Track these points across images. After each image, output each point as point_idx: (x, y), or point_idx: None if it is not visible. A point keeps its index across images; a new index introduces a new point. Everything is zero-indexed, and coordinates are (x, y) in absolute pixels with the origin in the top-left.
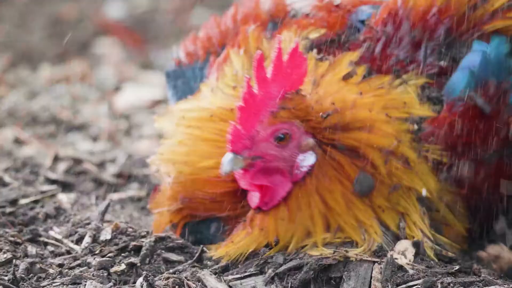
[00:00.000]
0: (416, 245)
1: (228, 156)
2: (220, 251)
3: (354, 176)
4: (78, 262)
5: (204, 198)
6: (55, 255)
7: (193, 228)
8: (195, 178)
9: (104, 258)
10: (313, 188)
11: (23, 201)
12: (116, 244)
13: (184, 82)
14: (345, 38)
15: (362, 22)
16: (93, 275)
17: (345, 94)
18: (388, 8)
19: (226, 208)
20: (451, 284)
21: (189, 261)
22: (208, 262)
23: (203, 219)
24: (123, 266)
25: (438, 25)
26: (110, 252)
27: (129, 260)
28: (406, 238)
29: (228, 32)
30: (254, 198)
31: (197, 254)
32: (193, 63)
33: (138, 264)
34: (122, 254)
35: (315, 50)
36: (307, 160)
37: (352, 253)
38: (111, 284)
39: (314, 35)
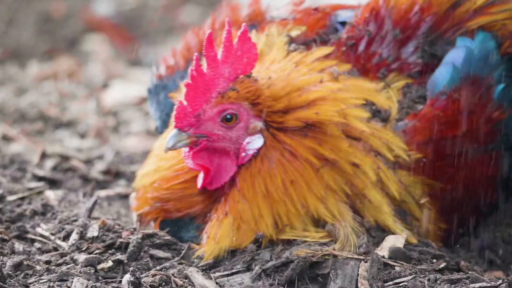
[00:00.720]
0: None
1: (172, 132)
2: (203, 249)
3: (305, 157)
4: (65, 259)
5: (174, 199)
6: (42, 252)
7: (168, 226)
8: (162, 177)
9: (91, 255)
10: (256, 171)
11: (10, 198)
12: (103, 241)
13: (166, 94)
14: (326, 37)
15: (342, 23)
16: (80, 272)
17: (297, 78)
18: (369, 7)
19: (197, 206)
20: (438, 281)
21: (176, 258)
22: (195, 259)
23: (178, 218)
24: (110, 263)
25: (421, 23)
26: (97, 249)
27: (116, 257)
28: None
29: None
30: (199, 178)
31: (184, 251)
32: (174, 74)
33: (125, 261)
34: (109, 251)
35: (293, 45)
36: (254, 143)
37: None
38: (98, 281)
39: (295, 32)
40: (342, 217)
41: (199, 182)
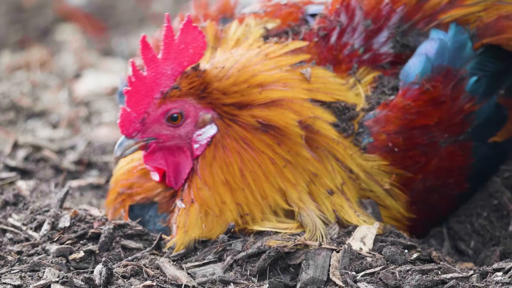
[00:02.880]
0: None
1: (119, 140)
2: (174, 240)
3: (261, 149)
4: (36, 249)
5: (136, 184)
6: (13, 242)
7: (135, 210)
8: (130, 167)
9: (62, 246)
10: (212, 158)
11: None
12: (75, 232)
13: None
14: (298, 29)
15: (313, 16)
16: (51, 262)
17: (261, 73)
18: None
19: (156, 189)
20: (410, 272)
21: (148, 249)
22: (167, 250)
23: (144, 204)
24: (81, 254)
25: (392, 13)
26: (69, 239)
27: (88, 248)
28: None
29: None
30: (153, 175)
31: (155, 242)
32: None
33: (97, 252)
34: (81, 242)
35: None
36: (207, 133)
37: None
38: (69, 271)
39: (271, 25)
40: (306, 206)
41: (155, 177)
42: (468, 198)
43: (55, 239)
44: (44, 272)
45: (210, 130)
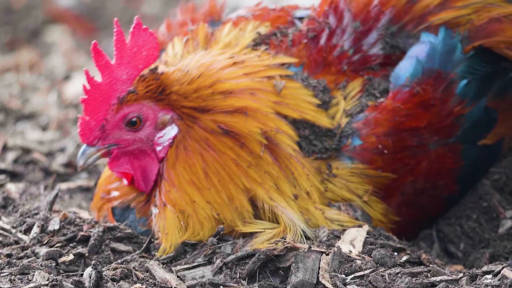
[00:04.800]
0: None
1: (81, 149)
2: (162, 244)
3: (222, 150)
4: (26, 252)
5: (114, 188)
6: (3, 245)
7: (117, 215)
8: (107, 175)
9: (52, 248)
10: (175, 159)
11: None
12: (64, 235)
13: None
14: (286, 31)
15: (300, 19)
16: (41, 265)
17: (229, 80)
18: (328, 0)
19: (132, 193)
20: (399, 274)
21: (137, 251)
22: (156, 252)
23: (123, 208)
24: (71, 256)
25: (381, 15)
26: (58, 242)
27: (77, 251)
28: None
29: (164, 41)
30: (124, 181)
31: (145, 244)
32: None
33: (86, 255)
34: (70, 244)
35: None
36: (167, 134)
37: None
38: (59, 274)
39: (263, 29)
40: (277, 203)
41: (124, 182)
42: (458, 200)
43: (44, 242)
44: (33, 275)
45: (171, 131)
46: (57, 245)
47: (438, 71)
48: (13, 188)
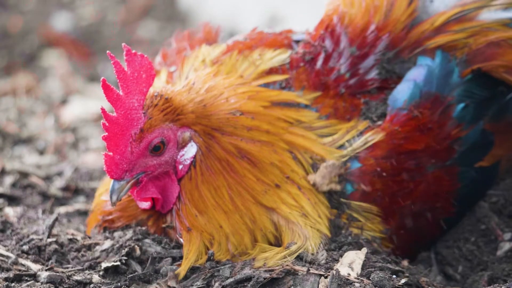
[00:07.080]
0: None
1: (111, 185)
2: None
3: (240, 171)
4: (26, 276)
5: (118, 210)
6: (2, 269)
7: None
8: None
9: (53, 273)
10: (200, 181)
11: None
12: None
13: None
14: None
15: (297, 42)
16: None
17: (235, 100)
18: (324, 24)
19: (140, 215)
20: None
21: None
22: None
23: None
24: (72, 281)
25: (377, 41)
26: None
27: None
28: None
29: (161, 71)
30: (140, 204)
31: (146, 265)
32: None
33: None
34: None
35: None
36: (188, 152)
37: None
38: None
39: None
40: (297, 220)
41: (143, 205)
42: (455, 222)
43: (47, 267)
44: None
45: (191, 149)
46: (58, 269)
47: (436, 95)
48: (11, 212)
